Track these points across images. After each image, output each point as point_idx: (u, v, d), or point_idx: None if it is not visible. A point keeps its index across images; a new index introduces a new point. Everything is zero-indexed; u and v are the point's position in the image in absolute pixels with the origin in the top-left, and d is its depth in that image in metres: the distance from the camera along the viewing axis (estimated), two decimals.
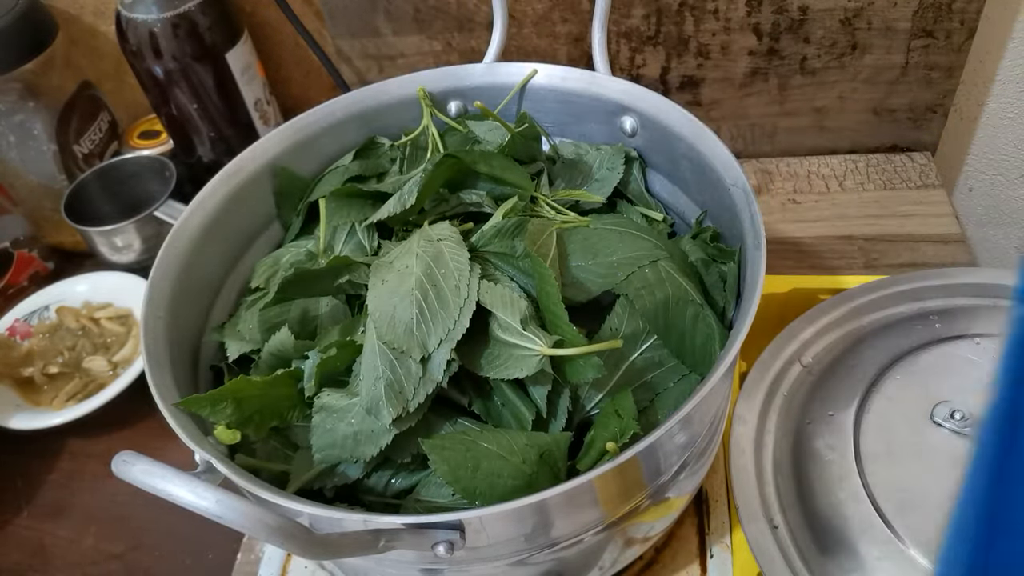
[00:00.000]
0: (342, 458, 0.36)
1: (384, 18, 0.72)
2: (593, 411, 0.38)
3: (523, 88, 0.50)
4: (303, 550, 0.27)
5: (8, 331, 0.67)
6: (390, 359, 0.36)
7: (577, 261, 0.41)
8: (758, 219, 0.37)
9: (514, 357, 0.36)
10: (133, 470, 0.26)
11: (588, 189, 0.47)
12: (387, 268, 0.39)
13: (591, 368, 0.35)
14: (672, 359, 0.39)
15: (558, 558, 0.36)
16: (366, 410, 0.36)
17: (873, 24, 0.66)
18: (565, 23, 0.70)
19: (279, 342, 0.40)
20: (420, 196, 0.42)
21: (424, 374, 0.35)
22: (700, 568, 0.48)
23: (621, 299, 0.39)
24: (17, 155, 0.70)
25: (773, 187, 0.73)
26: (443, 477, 0.33)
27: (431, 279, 0.37)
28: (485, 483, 0.34)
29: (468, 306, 0.36)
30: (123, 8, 0.66)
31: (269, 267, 0.46)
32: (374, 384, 0.36)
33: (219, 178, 0.45)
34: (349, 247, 0.45)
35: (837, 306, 0.53)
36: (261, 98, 0.75)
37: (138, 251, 0.69)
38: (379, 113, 0.51)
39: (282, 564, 0.52)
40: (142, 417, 0.63)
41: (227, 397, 0.36)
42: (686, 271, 0.41)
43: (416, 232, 0.41)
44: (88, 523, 0.58)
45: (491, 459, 0.34)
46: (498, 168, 0.44)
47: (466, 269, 0.37)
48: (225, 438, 0.36)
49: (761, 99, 0.73)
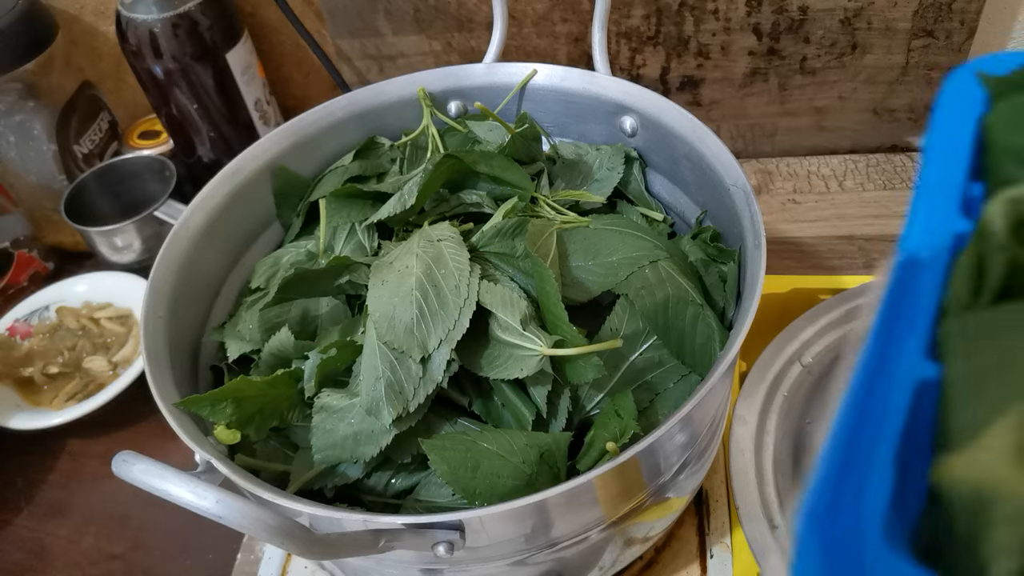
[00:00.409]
0: (342, 458, 0.36)
1: (384, 18, 0.72)
2: (593, 411, 0.38)
3: (523, 88, 0.50)
4: (303, 550, 0.27)
5: (8, 331, 0.67)
6: (390, 359, 0.36)
7: (577, 261, 0.41)
8: (758, 219, 0.37)
9: (514, 357, 0.36)
10: (133, 470, 0.26)
11: (588, 189, 0.47)
12: (387, 268, 0.39)
13: (591, 368, 0.35)
14: (672, 359, 0.39)
15: (558, 558, 0.36)
16: (366, 410, 0.36)
17: (873, 24, 0.66)
18: (565, 23, 0.70)
19: (279, 342, 0.40)
20: (420, 196, 0.42)
21: (424, 374, 0.35)
22: (700, 568, 0.48)
23: (621, 299, 0.39)
24: (17, 155, 0.70)
25: (773, 187, 0.73)
26: (443, 477, 0.34)
27: (431, 279, 0.37)
28: (485, 483, 0.34)
29: (468, 306, 0.36)
30: (123, 8, 0.66)
31: (269, 267, 0.46)
32: (374, 384, 0.36)
33: (219, 178, 0.45)
34: (349, 247, 0.45)
35: (837, 306, 0.53)
36: (261, 98, 0.75)
37: (138, 251, 0.69)
38: (379, 113, 0.51)
39: (282, 564, 0.52)
40: (142, 417, 0.63)
41: (227, 397, 0.36)
42: (686, 271, 0.41)
43: (416, 232, 0.41)
44: (88, 523, 0.58)
45: (491, 459, 0.34)
46: (498, 168, 0.44)
47: (466, 269, 0.37)
48: (225, 438, 0.36)
49: (761, 99, 0.73)
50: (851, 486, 0.15)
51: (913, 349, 0.17)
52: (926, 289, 0.18)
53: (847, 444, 0.16)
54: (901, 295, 0.19)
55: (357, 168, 0.48)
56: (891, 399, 0.17)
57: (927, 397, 0.17)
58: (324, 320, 0.44)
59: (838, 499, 0.15)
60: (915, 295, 0.18)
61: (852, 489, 0.15)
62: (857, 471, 0.16)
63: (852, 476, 0.16)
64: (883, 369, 0.17)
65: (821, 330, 0.52)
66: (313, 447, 0.36)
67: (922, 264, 0.19)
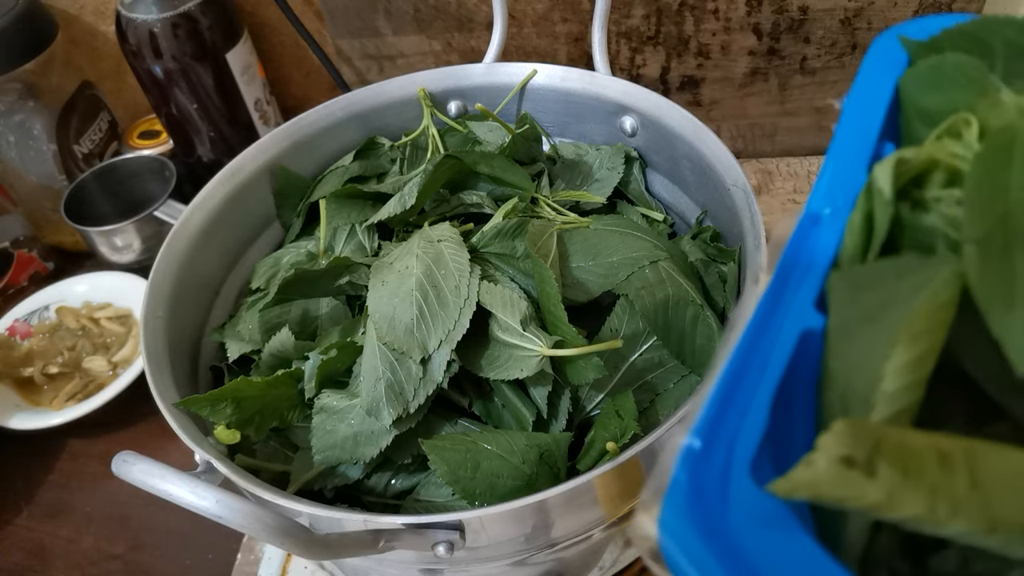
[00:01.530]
0: (342, 459, 0.36)
1: (384, 18, 0.72)
2: (593, 411, 0.38)
3: (523, 88, 0.50)
4: (303, 550, 0.27)
5: (8, 331, 0.67)
6: (390, 360, 0.36)
7: (577, 262, 0.41)
8: (758, 219, 0.37)
9: (515, 358, 0.36)
10: (133, 470, 0.26)
11: (588, 189, 0.47)
12: (387, 269, 0.39)
13: (592, 369, 0.35)
14: (672, 359, 0.39)
15: (558, 558, 0.36)
16: (366, 411, 0.36)
17: (873, 24, 0.66)
18: (565, 23, 0.70)
19: (280, 343, 0.40)
20: (420, 197, 0.42)
21: (424, 375, 0.35)
22: None
23: (621, 299, 0.39)
24: (17, 155, 0.70)
25: (773, 187, 0.73)
26: (443, 477, 0.34)
27: (431, 280, 0.37)
28: (485, 483, 0.34)
29: (468, 307, 0.36)
30: (123, 8, 0.66)
31: (269, 268, 0.46)
32: (374, 385, 0.36)
33: (219, 178, 0.45)
34: (349, 248, 0.45)
35: None
36: (261, 98, 0.75)
37: (138, 251, 0.69)
38: (379, 113, 0.51)
39: (282, 564, 0.52)
40: (142, 417, 0.63)
41: (227, 397, 0.36)
42: (686, 271, 0.41)
43: (416, 233, 0.41)
44: (88, 523, 0.58)
45: (491, 459, 0.34)
46: (498, 169, 0.44)
47: (466, 270, 0.37)
48: (225, 438, 0.36)
49: (761, 99, 0.73)
50: (727, 427, 0.16)
51: (804, 300, 0.18)
52: (824, 245, 0.19)
53: (729, 387, 0.17)
54: (798, 250, 0.19)
55: (357, 168, 0.48)
56: (776, 346, 0.17)
57: (812, 345, 0.18)
58: (324, 321, 0.44)
59: (713, 439, 0.16)
60: (812, 250, 0.19)
61: (728, 429, 0.16)
62: (734, 413, 0.17)
63: (729, 417, 0.16)
64: (772, 318, 0.18)
65: None
66: (313, 448, 0.36)
67: (823, 221, 0.20)
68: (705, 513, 0.15)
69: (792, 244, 0.19)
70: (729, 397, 0.17)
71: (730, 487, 0.16)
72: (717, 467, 0.16)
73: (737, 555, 0.15)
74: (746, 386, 0.17)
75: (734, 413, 0.17)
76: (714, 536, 0.15)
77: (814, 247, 0.19)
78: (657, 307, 0.38)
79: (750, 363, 0.17)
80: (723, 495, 0.15)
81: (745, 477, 0.16)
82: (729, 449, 0.16)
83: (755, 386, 0.17)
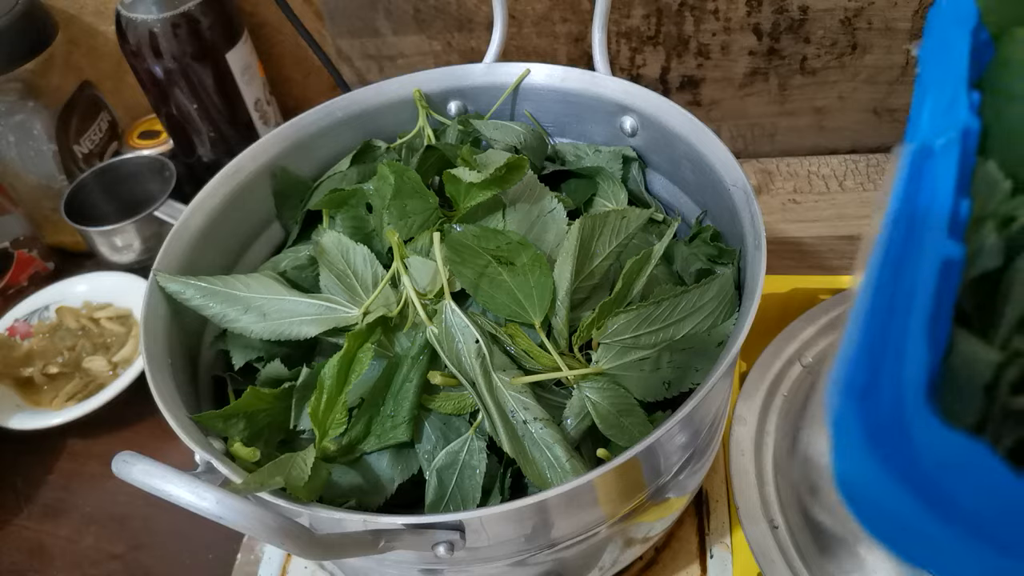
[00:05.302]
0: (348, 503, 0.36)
1: (384, 18, 0.72)
2: None
3: (521, 89, 0.50)
4: (303, 550, 0.27)
5: (8, 331, 0.67)
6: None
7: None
8: (758, 219, 0.37)
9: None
10: (133, 470, 0.26)
11: None
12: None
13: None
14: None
15: (558, 558, 0.36)
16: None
17: (873, 24, 0.66)
18: (565, 23, 0.70)
19: (274, 370, 0.40)
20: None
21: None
22: (700, 568, 0.48)
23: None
24: (17, 155, 0.70)
25: (773, 187, 0.73)
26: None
27: None
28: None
29: None
30: (123, 8, 0.66)
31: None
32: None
33: (219, 178, 0.45)
34: None
35: (837, 306, 0.53)
36: (261, 98, 0.75)
37: (138, 251, 0.69)
38: (379, 113, 0.51)
39: (282, 564, 0.52)
40: (142, 417, 0.63)
41: (239, 412, 0.35)
42: (673, 278, 0.41)
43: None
44: (88, 523, 0.58)
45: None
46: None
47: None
48: (244, 455, 0.35)
49: (761, 99, 0.72)
50: (888, 361, 0.15)
51: (936, 231, 0.17)
52: (943, 175, 0.18)
53: (879, 322, 0.16)
54: (917, 181, 0.19)
55: (355, 175, 0.48)
56: (919, 276, 0.16)
57: (951, 276, 0.17)
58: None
59: (876, 375, 0.15)
60: (932, 182, 0.18)
61: (890, 364, 0.15)
62: (893, 346, 0.15)
63: (889, 351, 0.15)
64: (907, 250, 0.17)
65: (821, 330, 0.52)
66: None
67: (935, 153, 0.19)
68: (889, 455, 0.14)
69: (909, 176, 0.19)
70: (882, 330, 0.16)
71: (911, 425, 0.14)
72: (889, 405, 0.14)
73: (941, 497, 0.13)
74: (898, 317, 0.16)
75: (891, 349, 0.15)
76: (908, 479, 0.14)
77: (934, 178, 0.19)
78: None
79: (896, 294, 0.16)
80: (905, 436, 0.14)
81: (927, 413, 0.14)
82: (896, 384, 0.15)
83: (905, 320, 0.16)
